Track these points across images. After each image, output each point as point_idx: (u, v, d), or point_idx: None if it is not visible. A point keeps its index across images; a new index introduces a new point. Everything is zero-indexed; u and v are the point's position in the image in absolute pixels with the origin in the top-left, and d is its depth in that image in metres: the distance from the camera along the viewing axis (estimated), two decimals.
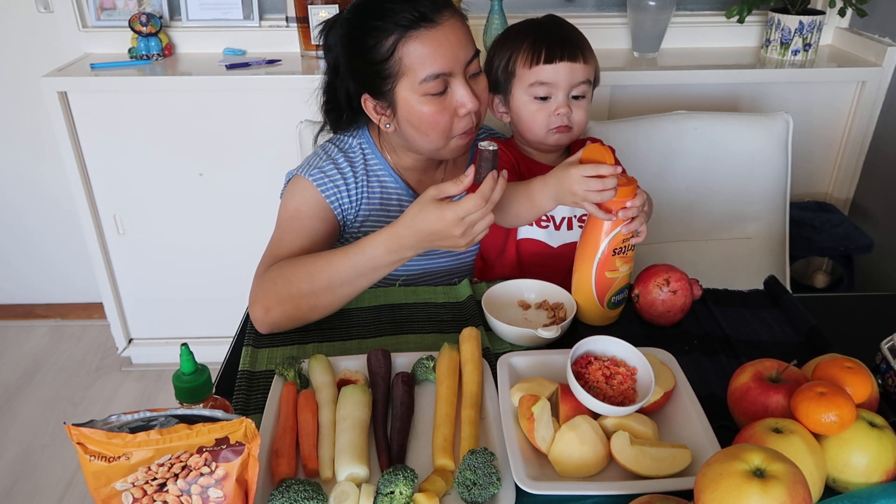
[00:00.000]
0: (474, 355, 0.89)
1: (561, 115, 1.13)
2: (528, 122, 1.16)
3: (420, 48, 1.04)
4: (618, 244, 0.98)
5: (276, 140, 1.91)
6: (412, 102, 1.07)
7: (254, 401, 0.89)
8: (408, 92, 1.06)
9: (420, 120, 1.08)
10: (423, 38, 1.03)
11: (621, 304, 1.04)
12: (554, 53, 1.11)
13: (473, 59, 1.09)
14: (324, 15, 1.93)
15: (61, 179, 2.10)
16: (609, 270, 0.99)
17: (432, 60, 1.04)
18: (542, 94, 1.12)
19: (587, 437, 0.75)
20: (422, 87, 1.05)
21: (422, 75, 1.04)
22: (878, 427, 0.72)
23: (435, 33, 1.04)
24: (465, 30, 1.09)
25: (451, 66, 1.06)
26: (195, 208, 2.03)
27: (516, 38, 1.15)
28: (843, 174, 2.10)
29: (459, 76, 1.07)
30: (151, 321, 2.24)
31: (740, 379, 0.81)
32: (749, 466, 0.61)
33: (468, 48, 1.08)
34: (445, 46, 1.05)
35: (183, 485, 0.64)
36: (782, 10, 1.98)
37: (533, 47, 1.12)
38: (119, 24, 2.00)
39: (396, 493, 0.71)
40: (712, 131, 1.61)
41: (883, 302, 1.17)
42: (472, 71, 1.09)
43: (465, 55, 1.07)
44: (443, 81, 1.06)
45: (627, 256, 1.00)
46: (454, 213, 0.93)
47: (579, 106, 1.14)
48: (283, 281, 1.01)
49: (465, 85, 1.07)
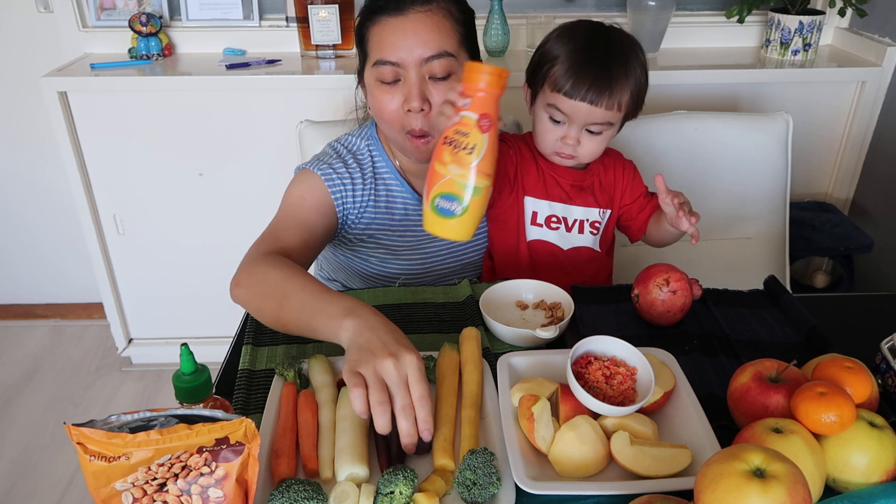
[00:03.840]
0: (474, 355, 0.89)
1: (568, 144, 1.12)
2: (539, 133, 1.16)
3: (379, 32, 1.07)
4: (450, 134, 0.86)
5: (276, 140, 1.91)
6: (370, 86, 1.12)
7: (254, 401, 0.88)
8: (368, 75, 1.11)
9: (374, 106, 1.13)
10: (384, 24, 1.07)
11: (450, 215, 0.88)
12: (578, 91, 1.06)
13: (436, 59, 1.05)
14: (324, 15, 1.93)
15: (61, 179, 2.10)
16: (438, 162, 0.87)
17: (385, 46, 1.06)
18: (557, 119, 1.11)
19: (587, 437, 0.75)
20: (374, 70, 1.09)
21: (374, 59, 1.08)
22: (878, 427, 0.72)
23: (396, 22, 1.06)
24: (440, 29, 1.06)
25: (403, 59, 1.06)
26: (195, 208, 2.03)
27: (563, 48, 1.09)
28: (843, 174, 2.10)
29: (412, 71, 1.06)
30: (151, 321, 2.24)
31: (740, 379, 0.81)
32: (749, 466, 0.61)
33: (431, 47, 1.05)
34: (400, 37, 1.05)
35: (183, 485, 0.64)
36: (782, 10, 1.98)
37: (565, 72, 1.07)
38: (119, 24, 2.00)
39: (396, 493, 0.71)
40: (712, 131, 1.61)
41: (883, 302, 1.17)
42: (435, 73, 1.07)
43: (425, 52, 1.05)
44: (393, 71, 1.07)
45: (460, 157, 0.85)
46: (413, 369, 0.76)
47: (592, 139, 1.12)
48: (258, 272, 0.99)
49: (415, 82, 1.06)
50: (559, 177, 1.20)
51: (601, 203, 1.23)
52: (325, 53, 2.00)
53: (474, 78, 0.86)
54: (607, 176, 1.24)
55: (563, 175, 1.20)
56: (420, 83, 1.06)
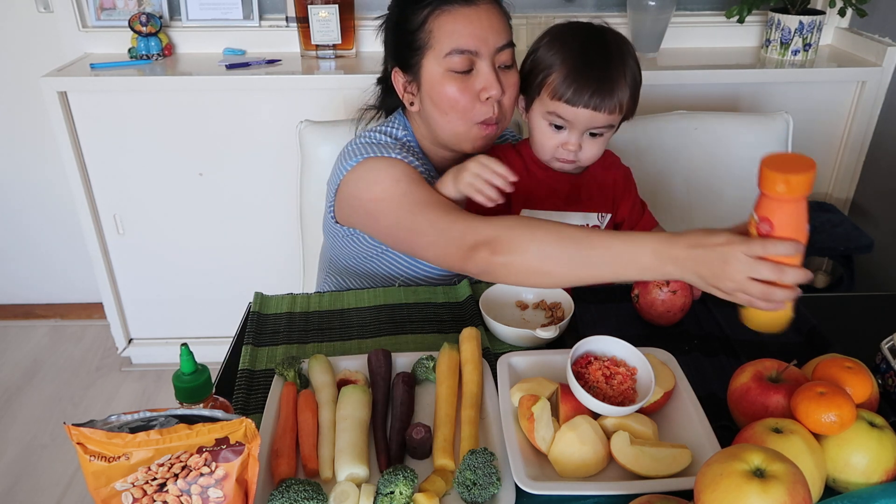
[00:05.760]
0: (474, 355, 0.89)
1: (570, 150, 1.11)
2: (538, 141, 1.13)
3: (451, 22, 1.06)
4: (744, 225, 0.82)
5: (276, 140, 1.91)
6: (435, 77, 1.08)
7: (254, 401, 0.89)
8: (433, 65, 1.08)
9: (440, 97, 1.08)
10: (456, 13, 1.06)
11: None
12: (580, 98, 1.05)
13: (505, 48, 1.08)
14: (324, 15, 1.93)
15: (61, 179, 2.10)
16: None
17: (460, 36, 1.05)
18: (558, 125, 1.09)
19: (587, 437, 0.75)
20: (446, 60, 1.06)
21: (447, 48, 1.06)
22: (878, 427, 0.72)
23: (468, 11, 1.06)
24: (503, 20, 1.09)
25: (479, 46, 1.06)
26: (195, 208, 2.03)
27: (557, 55, 1.07)
28: (843, 174, 2.10)
29: (486, 59, 1.07)
30: (151, 321, 2.24)
31: (740, 379, 0.81)
32: (749, 466, 0.61)
33: (501, 36, 1.07)
34: (476, 25, 1.05)
35: (183, 485, 0.64)
36: (782, 10, 1.98)
37: (564, 80, 1.05)
38: (119, 24, 2.00)
39: (396, 493, 0.71)
40: (712, 131, 1.61)
41: (883, 302, 1.17)
42: (503, 61, 1.09)
43: (496, 41, 1.07)
44: (468, 60, 1.06)
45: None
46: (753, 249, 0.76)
47: (593, 142, 1.11)
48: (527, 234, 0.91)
49: (491, 69, 1.07)
50: (555, 183, 1.17)
51: (601, 207, 1.20)
52: (325, 53, 2.00)
53: (762, 174, 0.76)
54: (606, 178, 1.21)
55: (558, 181, 1.17)
56: (492, 70, 1.07)
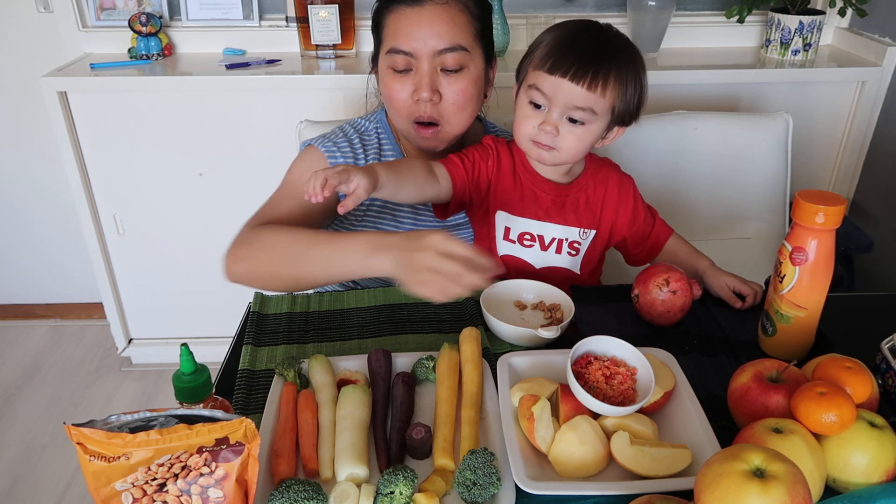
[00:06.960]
0: (474, 355, 0.89)
1: (546, 132, 1.04)
2: (517, 121, 1.08)
3: (395, 21, 1.09)
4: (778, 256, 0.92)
5: (275, 140, 1.91)
6: (382, 72, 1.13)
7: (254, 401, 0.89)
8: (382, 61, 1.13)
9: (384, 92, 1.15)
10: (400, 13, 1.08)
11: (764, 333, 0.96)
12: (560, 66, 1.00)
13: (449, 52, 1.08)
14: (324, 15, 1.93)
15: (61, 179, 2.10)
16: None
17: (400, 35, 1.08)
18: (537, 102, 1.04)
19: (587, 437, 0.75)
20: (388, 58, 1.11)
21: (388, 46, 1.10)
22: (878, 427, 0.72)
23: (411, 12, 1.07)
24: (454, 22, 1.07)
25: (416, 49, 1.08)
26: (195, 208, 2.03)
27: (549, 34, 1.05)
28: (842, 174, 2.10)
29: (425, 62, 1.08)
30: (151, 321, 2.24)
31: (740, 379, 0.81)
32: (749, 466, 0.61)
33: (445, 40, 1.07)
34: (416, 27, 1.07)
35: (183, 485, 0.64)
36: (782, 10, 1.98)
37: (548, 51, 1.02)
38: (119, 24, 2.00)
39: (396, 494, 0.71)
40: (712, 131, 1.61)
41: (883, 302, 1.17)
42: (448, 65, 1.09)
43: (439, 44, 1.07)
44: (405, 60, 1.09)
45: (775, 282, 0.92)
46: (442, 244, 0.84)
47: (572, 131, 1.04)
48: (261, 241, 1.01)
49: (427, 73, 1.09)
50: (540, 191, 1.13)
51: (583, 223, 1.16)
52: (324, 53, 2.00)
53: (798, 206, 0.86)
54: (596, 192, 1.16)
55: (544, 189, 1.13)
56: (431, 74, 1.09)
